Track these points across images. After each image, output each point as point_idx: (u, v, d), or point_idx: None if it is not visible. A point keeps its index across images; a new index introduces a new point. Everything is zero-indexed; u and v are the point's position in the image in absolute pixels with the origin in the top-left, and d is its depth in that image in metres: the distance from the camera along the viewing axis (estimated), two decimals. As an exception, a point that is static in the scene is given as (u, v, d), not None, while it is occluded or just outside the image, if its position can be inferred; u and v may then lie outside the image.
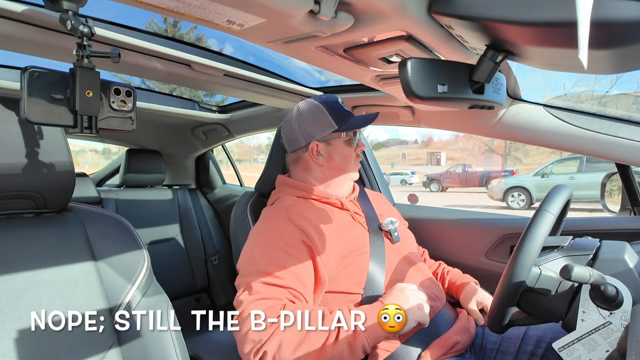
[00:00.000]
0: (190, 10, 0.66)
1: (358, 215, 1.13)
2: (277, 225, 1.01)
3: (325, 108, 1.11)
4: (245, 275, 0.94)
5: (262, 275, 0.91)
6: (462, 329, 1.05)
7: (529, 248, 0.76)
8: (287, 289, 0.90)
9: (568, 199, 0.86)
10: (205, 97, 9.60)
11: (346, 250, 1.01)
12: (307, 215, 1.02)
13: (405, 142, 79.80)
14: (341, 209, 1.11)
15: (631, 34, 0.49)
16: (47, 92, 0.62)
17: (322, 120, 1.11)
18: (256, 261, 0.95)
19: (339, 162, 1.13)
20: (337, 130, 1.10)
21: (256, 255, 0.96)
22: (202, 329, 1.23)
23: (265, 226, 1.03)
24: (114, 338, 0.82)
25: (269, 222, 1.03)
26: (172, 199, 2.44)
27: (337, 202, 1.11)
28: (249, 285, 0.91)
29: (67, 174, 0.82)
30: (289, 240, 0.97)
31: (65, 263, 0.80)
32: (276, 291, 0.89)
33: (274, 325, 0.84)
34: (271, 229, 1.01)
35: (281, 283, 0.90)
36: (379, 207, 1.24)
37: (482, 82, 0.67)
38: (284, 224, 1.00)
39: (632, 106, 12.42)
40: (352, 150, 1.14)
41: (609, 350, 0.69)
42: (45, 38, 0.94)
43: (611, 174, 1.70)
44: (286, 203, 1.07)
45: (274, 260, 0.93)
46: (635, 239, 1.15)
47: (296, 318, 0.84)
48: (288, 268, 0.92)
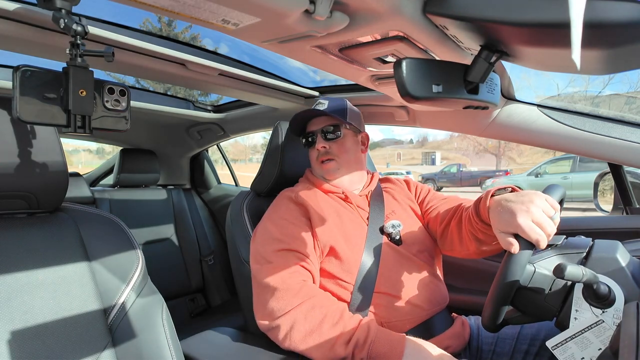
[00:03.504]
0: (184, 9, 0.66)
1: (362, 210, 1.15)
2: (285, 203, 1.14)
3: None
4: (258, 244, 1.07)
5: (273, 242, 1.04)
6: (456, 334, 1.06)
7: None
8: (295, 252, 1.01)
9: (561, 199, 0.87)
10: (200, 96, 9.58)
11: (339, 237, 1.05)
12: (310, 199, 1.12)
13: (401, 142, 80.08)
14: (345, 200, 1.16)
15: (624, 35, 0.49)
16: (39, 91, 0.61)
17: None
18: (268, 230, 1.08)
19: (310, 162, 1.24)
20: (297, 136, 1.24)
21: (268, 226, 1.09)
22: (196, 329, 1.23)
23: (276, 206, 1.16)
24: (108, 339, 0.81)
25: (279, 203, 1.16)
26: (167, 198, 2.43)
27: (342, 194, 1.16)
28: (260, 255, 1.04)
29: (60, 173, 0.82)
30: (293, 214, 1.10)
31: (59, 264, 0.80)
32: (286, 256, 1.01)
33: (294, 303, 0.93)
34: (282, 206, 1.13)
35: (289, 247, 1.02)
36: (395, 202, 1.22)
37: (477, 82, 0.68)
38: (288, 202, 1.14)
39: (625, 106, 12.53)
40: (311, 151, 1.21)
41: (602, 349, 0.70)
42: (38, 36, 0.93)
43: (604, 173, 1.72)
44: (298, 188, 1.19)
45: (283, 230, 1.06)
46: (627, 237, 1.16)
47: (318, 309, 0.92)
48: (294, 235, 1.04)
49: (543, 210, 0.77)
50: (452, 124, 1.47)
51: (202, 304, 2.37)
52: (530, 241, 0.76)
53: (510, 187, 0.91)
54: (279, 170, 1.26)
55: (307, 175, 1.26)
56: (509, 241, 0.77)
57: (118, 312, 0.83)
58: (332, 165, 1.16)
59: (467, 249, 1.03)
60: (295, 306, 0.92)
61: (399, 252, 1.08)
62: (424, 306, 1.03)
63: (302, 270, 0.99)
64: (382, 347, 0.86)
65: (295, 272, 0.98)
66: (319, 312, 0.91)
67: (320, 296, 0.96)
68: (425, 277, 1.08)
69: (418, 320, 1.02)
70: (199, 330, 1.19)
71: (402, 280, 1.04)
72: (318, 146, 1.16)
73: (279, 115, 1.87)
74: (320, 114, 1.17)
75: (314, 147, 1.18)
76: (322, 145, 1.16)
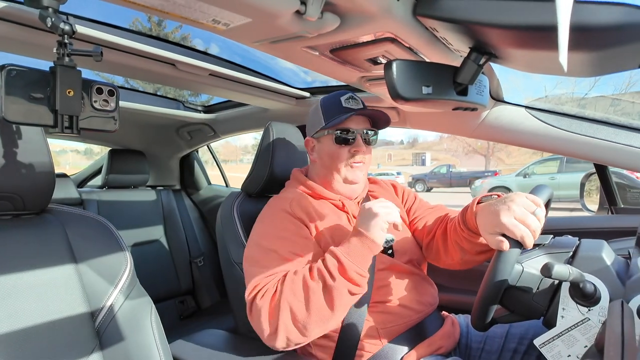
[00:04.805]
0: (175, 9, 0.66)
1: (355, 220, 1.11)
2: (281, 217, 1.05)
3: (322, 104, 1.12)
4: (253, 265, 0.98)
5: (265, 266, 0.95)
6: (447, 334, 1.06)
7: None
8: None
9: (549, 199, 0.88)
10: (191, 96, 9.50)
11: None
12: (307, 212, 1.05)
13: (391, 143, 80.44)
14: (341, 209, 1.10)
15: (609, 37, 0.50)
16: (26, 90, 0.60)
17: (315, 117, 1.13)
18: (265, 247, 0.99)
19: (326, 161, 1.11)
20: (323, 127, 1.09)
21: (263, 244, 1.00)
22: (186, 332, 1.22)
23: (270, 219, 1.06)
24: (96, 342, 0.80)
25: (273, 215, 1.07)
26: (156, 200, 2.40)
27: (339, 202, 1.10)
28: (258, 277, 0.94)
29: (46, 174, 0.80)
30: (291, 228, 1.02)
31: (45, 266, 0.78)
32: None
33: (278, 293, 0.88)
34: (277, 220, 1.04)
35: (291, 269, 0.93)
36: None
37: (466, 83, 0.68)
38: (284, 215, 1.05)
39: (610, 108, 12.77)
40: (341, 149, 1.08)
41: (587, 346, 0.71)
42: (24, 35, 0.91)
43: (590, 174, 1.75)
44: (291, 196, 1.11)
45: (282, 249, 0.97)
46: (612, 237, 1.19)
47: (291, 279, 0.88)
48: (295, 252, 0.96)
49: (524, 206, 0.79)
50: (442, 125, 1.49)
51: (192, 306, 2.34)
52: (516, 238, 0.77)
53: (497, 194, 0.92)
54: (270, 171, 1.26)
55: (297, 177, 1.18)
56: (498, 240, 0.79)
57: (106, 315, 0.82)
58: (362, 170, 1.11)
59: (452, 258, 1.05)
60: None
61: (391, 262, 1.07)
62: (416, 308, 1.04)
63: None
64: (352, 249, 0.88)
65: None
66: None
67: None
68: (415, 281, 1.08)
69: (411, 323, 1.03)
70: (189, 333, 1.19)
71: (394, 287, 1.04)
72: (357, 148, 1.07)
73: (270, 115, 1.86)
74: (380, 115, 1.09)
75: (349, 145, 1.08)
76: (363, 148, 1.08)
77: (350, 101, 1.09)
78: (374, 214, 0.88)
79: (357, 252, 0.87)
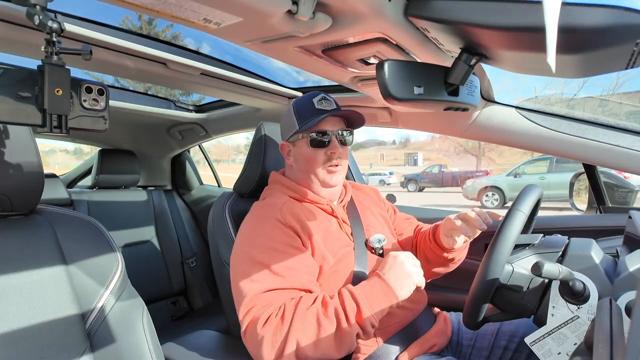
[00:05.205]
0: (165, 8, 0.65)
1: (345, 225, 1.10)
2: (271, 225, 0.99)
3: (294, 107, 1.10)
4: (244, 277, 0.93)
5: (262, 281, 0.90)
6: (440, 331, 1.07)
7: (502, 246, 0.78)
8: (290, 289, 0.90)
9: (539, 199, 0.89)
10: (182, 96, 9.43)
11: (331, 258, 1.00)
12: (298, 219, 1.01)
13: (384, 143, 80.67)
14: (331, 215, 1.09)
15: (596, 39, 0.51)
16: (13, 89, 0.59)
17: (289, 120, 1.11)
18: (253, 259, 0.94)
19: (303, 164, 1.09)
20: (298, 131, 1.06)
21: (253, 254, 0.95)
22: (178, 333, 1.21)
23: (259, 227, 1.00)
24: (87, 344, 0.79)
25: (263, 223, 1.01)
26: (147, 200, 2.38)
27: (328, 207, 1.09)
28: (252, 294, 0.89)
29: (35, 174, 0.79)
30: (282, 239, 0.97)
31: (34, 267, 0.77)
32: (282, 294, 0.89)
33: (287, 324, 0.83)
34: (266, 230, 0.98)
35: (284, 285, 0.90)
36: (368, 211, 1.20)
37: (457, 84, 0.69)
38: (275, 223, 0.99)
39: (598, 109, 12.96)
40: (317, 151, 1.06)
41: (577, 343, 0.72)
42: (11, 33, 0.90)
43: (579, 174, 1.77)
44: (280, 201, 1.05)
45: (272, 261, 0.92)
46: (601, 235, 1.20)
47: (302, 313, 0.84)
48: (287, 265, 0.92)
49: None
50: (434, 125, 1.49)
51: (184, 307, 2.33)
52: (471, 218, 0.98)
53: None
54: (262, 171, 1.25)
55: (280, 180, 1.14)
56: (455, 225, 1.02)
57: (97, 316, 0.81)
58: (341, 173, 1.09)
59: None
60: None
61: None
62: (409, 307, 1.04)
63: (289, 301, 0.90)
64: (374, 298, 0.86)
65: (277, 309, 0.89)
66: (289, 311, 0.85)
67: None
68: None
69: (405, 322, 1.03)
70: (181, 334, 1.18)
71: None
72: (333, 150, 1.06)
73: (262, 115, 1.86)
74: (354, 115, 1.07)
75: (325, 148, 1.06)
76: (339, 150, 1.06)
77: (323, 102, 1.07)
78: (406, 273, 0.88)
79: (378, 302, 0.85)
